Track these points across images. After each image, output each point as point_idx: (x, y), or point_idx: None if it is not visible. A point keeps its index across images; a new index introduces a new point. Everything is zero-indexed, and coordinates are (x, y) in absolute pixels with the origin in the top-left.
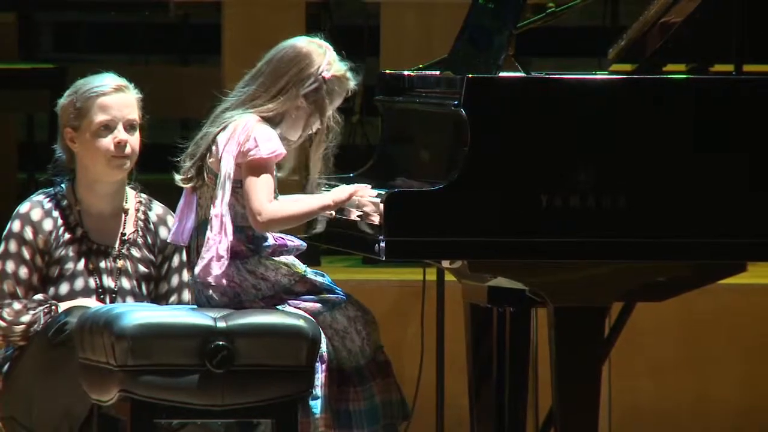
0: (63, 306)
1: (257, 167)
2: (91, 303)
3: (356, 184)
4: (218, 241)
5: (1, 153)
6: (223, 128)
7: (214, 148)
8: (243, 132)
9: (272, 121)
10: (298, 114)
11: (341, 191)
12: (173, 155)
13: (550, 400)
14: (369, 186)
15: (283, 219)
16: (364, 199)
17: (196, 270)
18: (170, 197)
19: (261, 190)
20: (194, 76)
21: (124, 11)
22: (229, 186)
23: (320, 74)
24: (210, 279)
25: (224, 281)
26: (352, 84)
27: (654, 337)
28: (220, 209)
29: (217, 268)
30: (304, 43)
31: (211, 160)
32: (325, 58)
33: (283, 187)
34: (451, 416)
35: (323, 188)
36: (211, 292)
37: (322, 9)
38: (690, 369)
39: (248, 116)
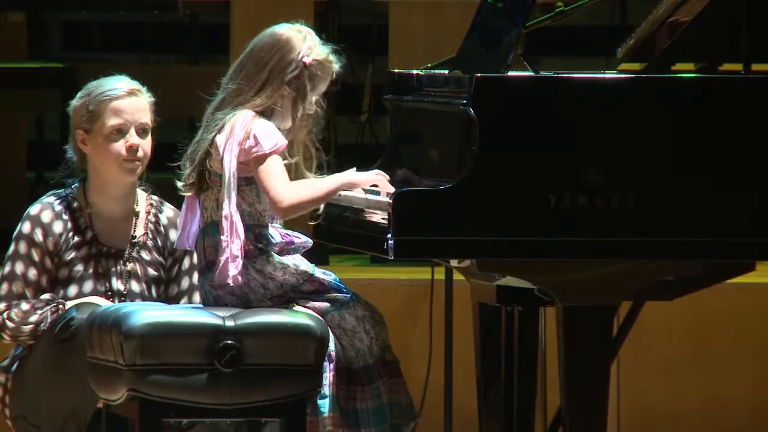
0: (71, 303)
1: (265, 159)
2: (100, 301)
3: (377, 172)
4: (231, 242)
5: (10, 152)
6: (220, 129)
7: (213, 150)
8: (241, 129)
9: (264, 114)
10: (284, 103)
11: (364, 173)
12: (182, 155)
13: (559, 400)
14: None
15: (305, 202)
16: (373, 198)
17: (215, 274)
18: (180, 197)
19: (275, 178)
20: (203, 75)
21: (133, 10)
22: (234, 185)
23: (301, 59)
24: (229, 280)
25: (240, 278)
26: (336, 67)
27: (663, 337)
28: (229, 210)
29: (233, 269)
30: (283, 29)
31: (212, 162)
32: (305, 43)
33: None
34: (459, 416)
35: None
36: (220, 292)
37: (331, 8)
38: (699, 368)
39: (243, 113)
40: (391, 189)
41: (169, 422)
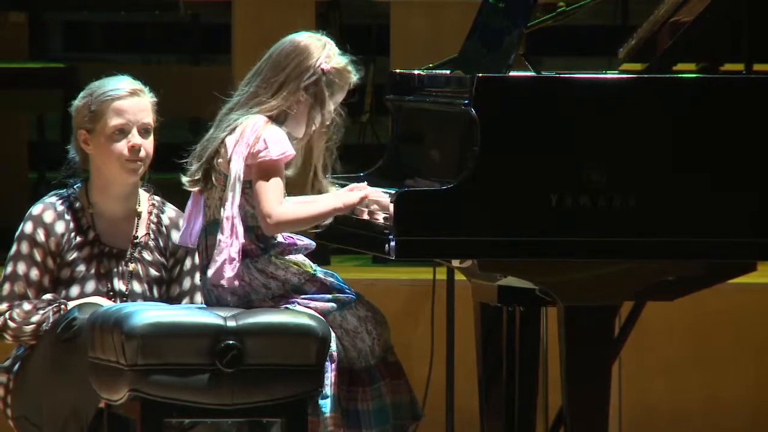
0: (73, 303)
1: (267, 169)
2: (102, 301)
3: (366, 188)
4: (230, 244)
5: (11, 152)
6: (231, 130)
7: (222, 150)
8: (252, 133)
9: (277, 119)
10: (299, 109)
11: (352, 195)
12: (184, 155)
13: (560, 400)
14: (379, 190)
15: (293, 222)
16: (373, 198)
17: (209, 273)
18: (180, 197)
19: (271, 193)
20: (204, 76)
21: (134, 11)
22: (239, 188)
23: (319, 66)
24: (224, 282)
25: (236, 282)
26: (353, 77)
27: (664, 337)
28: (231, 211)
29: (230, 271)
30: (303, 37)
31: (219, 161)
32: (324, 50)
33: (290, 186)
34: (460, 415)
35: (336, 186)
36: (221, 292)
37: (332, 8)
38: (700, 368)
39: (256, 117)
40: (383, 197)
41: (170, 422)
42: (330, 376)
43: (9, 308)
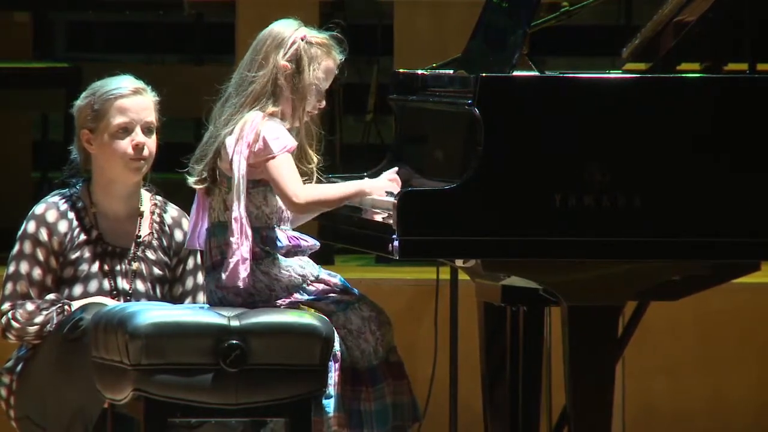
0: (77, 303)
1: (275, 164)
2: (106, 300)
3: (391, 170)
4: (240, 245)
5: (15, 152)
6: (231, 131)
7: (223, 152)
8: (251, 131)
9: (273, 95)
10: (285, 85)
11: (377, 179)
12: (187, 155)
13: (564, 400)
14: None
15: (320, 201)
16: (379, 199)
17: (223, 276)
18: (182, 197)
19: (289, 176)
20: (208, 76)
21: (138, 11)
22: (244, 188)
23: (295, 36)
24: (239, 282)
25: (248, 281)
26: (336, 52)
27: (667, 336)
28: (239, 212)
29: (243, 271)
30: (278, 22)
31: (221, 164)
32: (300, 26)
33: None
34: (464, 415)
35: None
36: (225, 293)
37: (336, 8)
38: (704, 368)
39: (253, 114)
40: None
41: (174, 422)
42: (333, 375)
43: (12, 308)
